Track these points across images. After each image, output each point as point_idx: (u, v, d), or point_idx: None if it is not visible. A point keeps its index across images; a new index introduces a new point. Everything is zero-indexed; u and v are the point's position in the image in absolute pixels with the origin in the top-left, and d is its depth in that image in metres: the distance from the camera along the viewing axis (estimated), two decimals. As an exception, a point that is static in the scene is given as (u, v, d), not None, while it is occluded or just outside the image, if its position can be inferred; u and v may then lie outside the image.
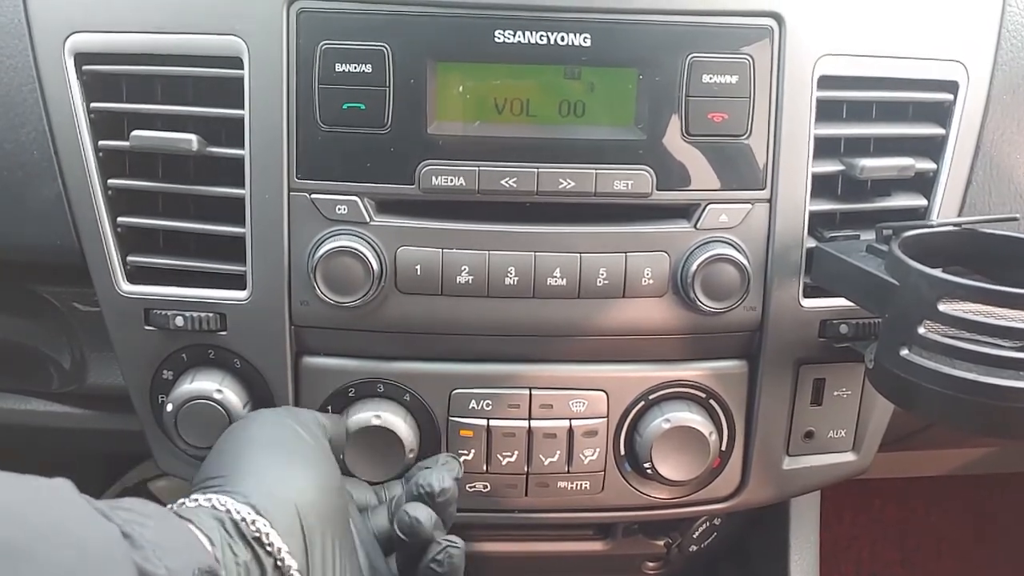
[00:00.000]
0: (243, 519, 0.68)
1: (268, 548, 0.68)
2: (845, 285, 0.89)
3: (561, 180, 0.88)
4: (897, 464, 1.69)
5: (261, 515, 0.69)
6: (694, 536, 1.16)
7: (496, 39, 0.86)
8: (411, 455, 0.92)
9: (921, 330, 0.78)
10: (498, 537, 1.15)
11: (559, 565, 1.21)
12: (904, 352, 0.80)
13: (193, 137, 0.87)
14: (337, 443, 0.87)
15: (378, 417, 0.91)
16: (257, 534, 0.68)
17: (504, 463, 0.95)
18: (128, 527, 0.58)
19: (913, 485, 2.00)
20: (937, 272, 0.78)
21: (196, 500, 0.69)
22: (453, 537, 0.83)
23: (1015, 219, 0.91)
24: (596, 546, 1.17)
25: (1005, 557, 1.98)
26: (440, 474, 0.85)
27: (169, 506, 0.69)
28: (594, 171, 0.88)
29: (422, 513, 0.82)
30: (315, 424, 0.83)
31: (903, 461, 1.64)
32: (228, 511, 0.68)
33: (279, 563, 0.68)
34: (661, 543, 1.17)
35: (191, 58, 0.88)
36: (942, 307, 0.77)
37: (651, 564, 1.23)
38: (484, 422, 0.94)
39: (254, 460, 0.75)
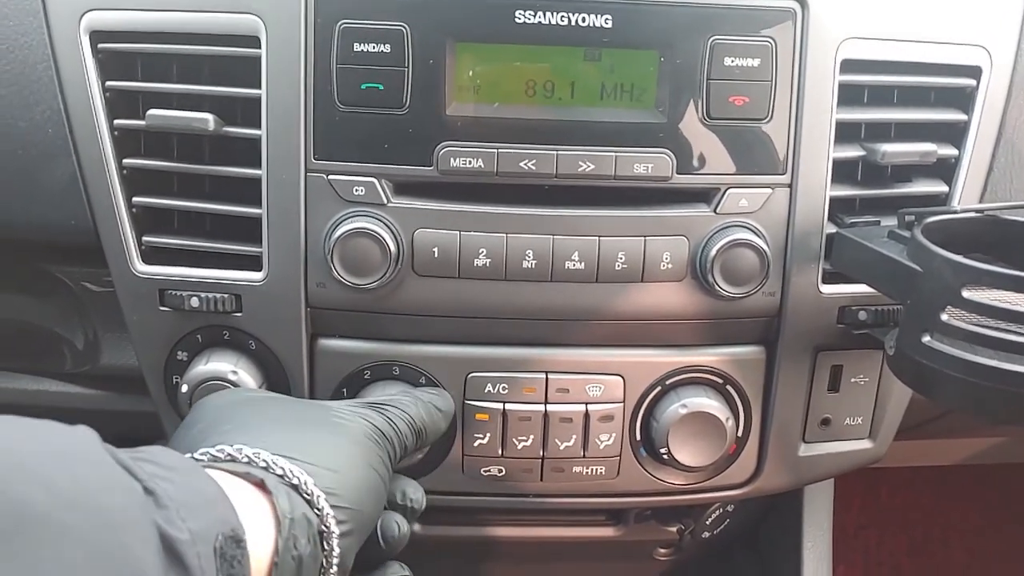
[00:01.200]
0: (298, 479, 0.66)
1: (327, 548, 0.66)
2: (866, 271, 0.88)
3: (580, 163, 0.87)
4: (906, 453, 1.68)
5: (332, 498, 0.67)
6: (707, 523, 1.16)
7: (517, 19, 0.85)
8: (426, 439, 0.92)
9: (944, 317, 0.77)
10: (511, 522, 1.15)
11: (571, 551, 1.21)
12: (926, 339, 0.79)
13: (210, 117, 0.87)
14: (433, 429, 0.85)
15: (394, 400, 0.91)
16: (324, 530, 0.66)
17: (520, 447, 0.94)
18: (152, 482, 0.54)
19: (921, 474, 2.00)
20: (962, 258, 0.77)
21: (241, 451, 0.66)
22: (403, 565, 0.82)
23: (1039, 206, 0.91)
24: (608, 532, 1.17)
25: (1013, 546, 1.98)
26: (420, 492, 0.84)
27: (203, 450, 0.66)
28: (614, 154, 0.87)
29: (407, 528, 0.81)
30: (388, 424, 0.80)
31: (912, 450, 1.63)
32: (285, 473, 0.65)
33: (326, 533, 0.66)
34: (674, 529, 1.17)
35: (207, 36, 0.87)
36: (966, 294, 0.76)
37: (663, 550, 1.23)
38: (500, 406, 0.93)
39: (312, 434, 0.72)
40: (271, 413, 0.76)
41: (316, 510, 0.66)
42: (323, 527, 0.66)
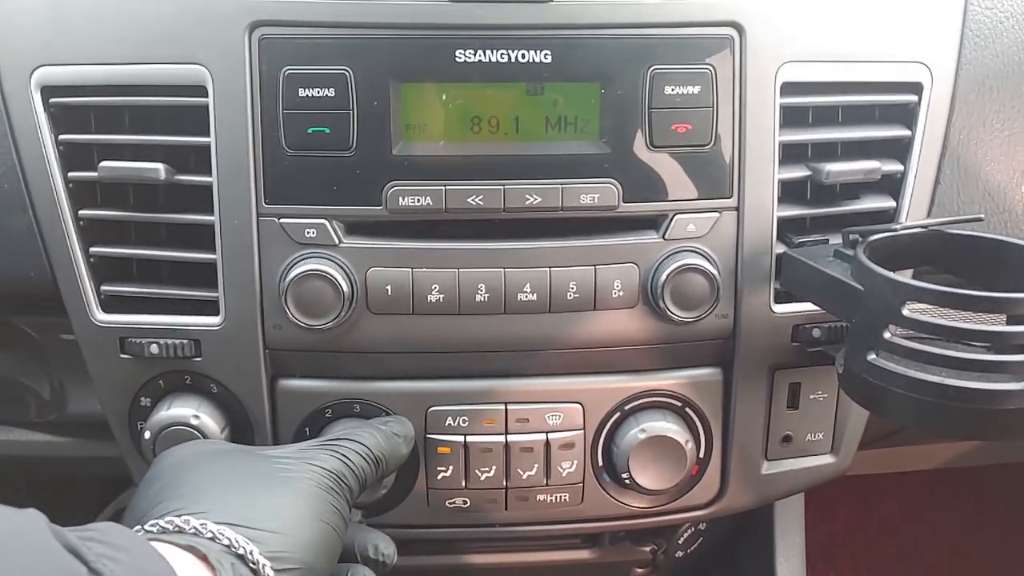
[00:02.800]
0: (250, 553, 0.67)
1: None
2: (813, 291, 0.89)
3: (528, 196, 0.89)
4: (887, 460, 1.69)
5: (268, 551, 0.68)
6: (679, 542, 1.17)
7: (457, 59, 0.86)
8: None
9: (887, 335, 0.79)
10: (483, 549, 1.15)
11: (547, 574, 1.21)
12: (871, 357, 0.80)
13: (160, 166, 0.88)
14: (393, 456, 0.85)
15: (355, 438, 0.92)
16: (255, 566, 0.67)
17: (483, 478, 0.95)
18: (99, 563, 0.56)
19: (907, 479, 2.00)
20: (901, 276, 0.79)
21: (188, 522, 0.67)
22: None
23: (980, 219, 0.92)
24: (583, 554, 1.18)
25: (1001, 548, 1.98)
26: (392, 547, 0.85)
27: (152, 522, 0.67)
28: (560, 186, 0.89)
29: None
30: (354, 469, 0.80)
31: (893, 457, 1.64)
32: (231, 542, 0.66)
33: None
34: (648, 549, 1.17)
35: (156, 88, 0.89)
36: (907, 311, 0.77)
37: (639, 570, 1.23)
38: (461, 438, 0.94)
39: (257, 493, 0.73)
40: (222, 475, 0.76)
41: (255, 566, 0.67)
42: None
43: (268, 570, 0.67)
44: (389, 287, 0.89)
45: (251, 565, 0.67)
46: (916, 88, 0.95)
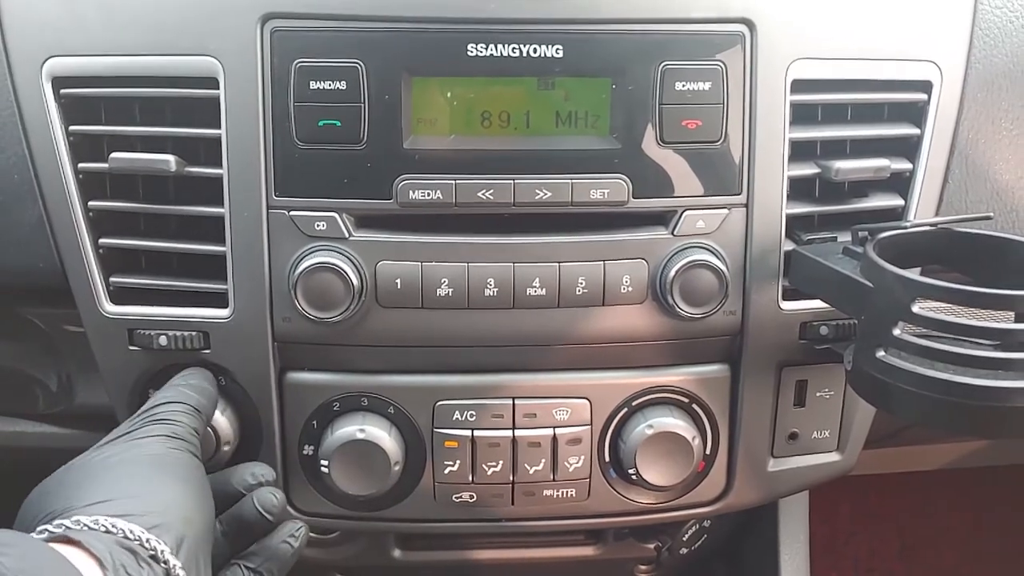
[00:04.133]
0: (137, 538, 0.68)
1: (164, 566, 0.69)
2: (822, 288, 0.89)
3: (538, 191, 0.89)
4: (891, 460, 1.70)
5: (155, 533, 0.69)
6: (684, 539, 1.17)
7: (469, 53, 0.86)
8: (396, 467, 0.93)
9: (896, 331, 0.79)
10: (490, 545, 1.16)
11: (551, 570, 1.21)
12: (880, 354, 0.80)
13: (171, 158, 0.88)
14: (207, 410, 0.88)
15: (362, 431, 0.92)
16: (153, 552, 0.68)
17: (489, 473, 0.95)
18: None
19: (910, 479, 2.00)
20: (911, 273, 0.79)
21: (79, 521, 0.68)
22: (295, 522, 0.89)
23: (989, 217, 0.92)
24: (587, 551, 1.18)
25: (1004, 548, 1.99)
26: (264, 466, 0.89)
27: (42, 528, 0.68)
28: (570, 181, 0.89)
29: (282, 495, 0.86)
30: (180, 427, 0.83)
31: (897, 457, 1.64)
32: (121, 531, 0.68)
33: None
34: (652, 546, 1.18)
35: (167, 79, 0.89)
36: (916, 308, 0.77)
37: (643, 567, 1.24)
38: (468, 433, 0.94)
39: (130, 479, 0.75)
40: (90, 474, 0.77)
41: (135, 540, 0.69)
42: (144, 547, 0.68)
43: (139, 531, 0.69)
44: (398, 280, 0.89)
45: (119, 532, 0.68)
46: (926, 87, 0.96)
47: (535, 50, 0.87)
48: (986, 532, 2.01)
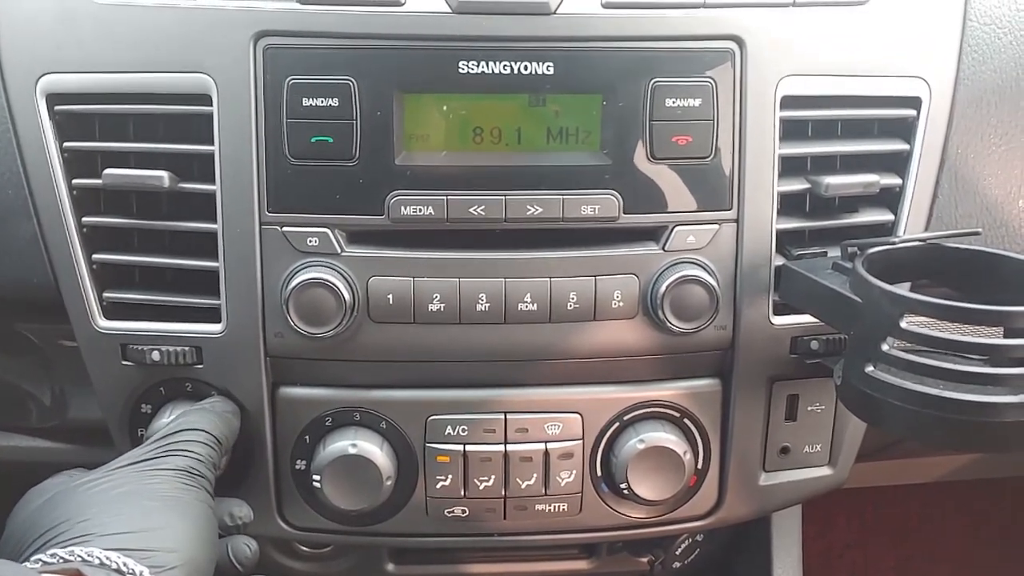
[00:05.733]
0: (132, 571, 0.67)
1: None
2: (812, 303, 0.90)
3: (529, 207, 0.89)
4: (885, 473, 1.70)
5: (153, 572, 0.69)
6: (677, 553, 1.17)
7: (460, 70, 0.87)
8: (388, 482, 0.93)
9: (885, 347, 0.79)
10: (483, 559, 1.16)
11: (545, 585, 1.21)
12: (869, 369, 0.80)
13: (164, 174, 0.88)
14: (227, 442, 0.87)
15: (355, 446, 0.92)
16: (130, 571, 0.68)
17: (481, 487, 0.95)
18: None
19: (904, 491, 2.00)
20: (899, 289, 0.79)
21: (73, 552, 0.67)
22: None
23: (977, 233, 0.93)
24: (581, 565, 1.18)
25: (1000, 561, 1.99)
26: (246, 508, 0.88)
27: (36, 558, 0.67)
28: (561, 197, 0.89)
29: (255, 545, 0.85)
30: (192, 460, 0.81)
31: (891, 470, 1.64)
32: (117, 565, 0.67)
33: None
34: (645, 560, 1.18)
35: (161, 96, 0.89)
36: (905, 324, 0.78)
37: (637, 581, 1.24)
38: (460, 447, 0.95)
39: (135, 512, 0.74)
40: (95, 502, 0.75)
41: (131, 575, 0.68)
42: None
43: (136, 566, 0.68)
44: (390, 296, 0.90)
45: (125, 570, 0.67)
46: (915, 103, 0.96)
47: (526, 67, 0.87)
48: (982, 544, 2.01)
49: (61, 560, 0.67)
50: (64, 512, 0.74)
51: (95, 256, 0.92)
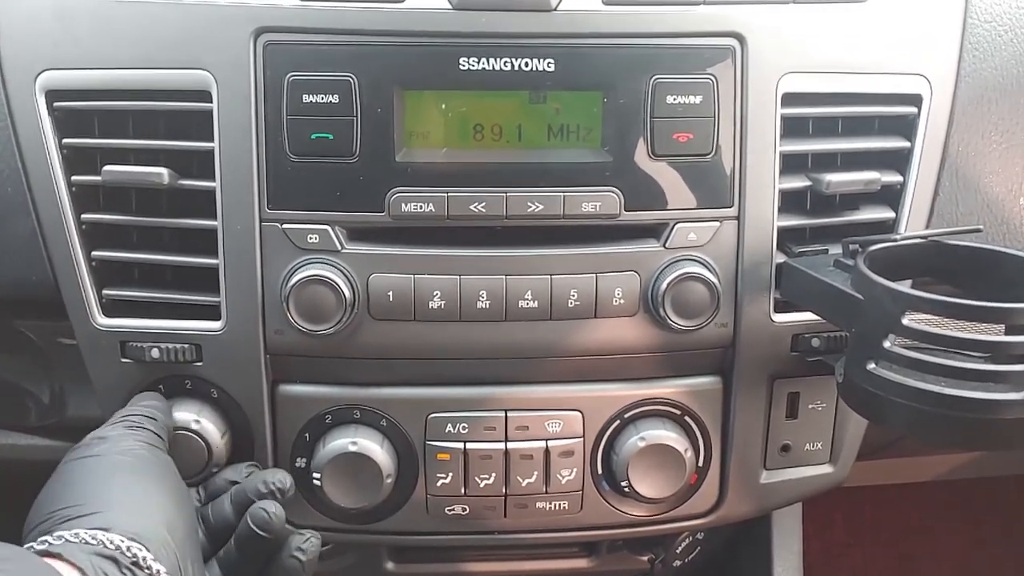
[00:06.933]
0: (117, 547, 0.68)
1: (148, 571, 0.68)
2: (813, 300, 0.90)
3: (530, 204, 0.89)
4: (886, 471, 1.69)
5: (135, 541, 0.69)
6: (678, 551, 1.17)
7: (461, 66, 0.87)
8: (388, 480, 0.93)
9: (887, 344, 0.79)
10: (483, 557, 1.15)
11: (546, 583, 1.21)
12: (871, 366, 0.80)
13: (164, 171, 0.88)
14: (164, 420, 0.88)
15: (355, 444, 0.92)
16: (135, 559, 0.68)
17: (482, 485, 0.95)
18: None
19: (906, 490, 2.00)
20: (901, 286, 0.79)
21: (61, 536, 0.68)
22: (307, 531, 0.86)
23: (978, 230, 0.93)
24: (581, 563, 1.17)
25: (1001, 560, 1.98)
26: (281, 473, 0.87)
27: (28, 545, 0.68)
28: (562, 194, 0.89)
29: (279, 509, 0.84)
30: (153, 434, 0.83)
31: (892, 468, 1.64)
32: (100, 542, 0.68)
33: None
34: (645, 559, 1.17)
35: (160, 93, 0.89)
36: (906, 321, 0.77)
37: (637, 580, 1.23)
38: (461, 445, 0.94)
39: (109, 486, 0.75)
40: (71, 481, 0.77)
41: (115, 549, 0.68)
42: (125, 555, 0.68)
43: (118, 540, 0.69)
44: (391, 293, 0.89)
45: (102, 543, 0.68)
46: (916, 100, 0.96)
47: (527, 64, 0.87)
48: (982, 544, 2.01)
49: (48, 544, 0.68)
50: (46, 500, 0.74)
51: (94, 253, 0.92)
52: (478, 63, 0.87)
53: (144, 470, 0.78)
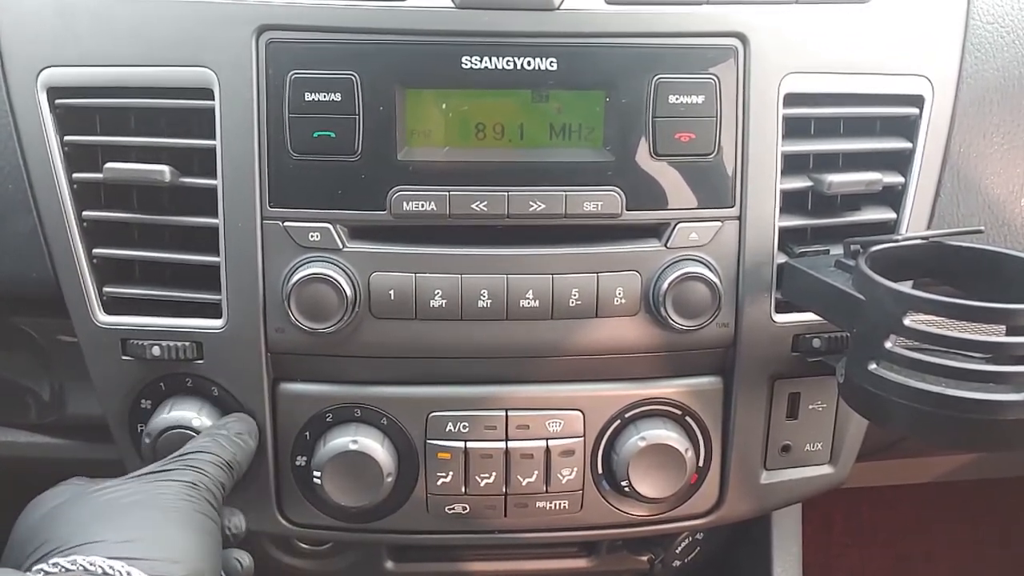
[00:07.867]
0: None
1: None
2: (814, 300, 0.90)
3: (531, 203, 0.89)
4: (885, 472, 1.70)
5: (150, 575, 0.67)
6: (677, 551, 1.17)
7: (463, 65, 0.87)
8: (389, 479, 0.93)
9: (888, 344, 0.79)
10: (483, 556, 1.15)
11: (545, 583, 1.21)
12: (872, 367, 0.80)
13: (166, 168, 0.88)
14: (240, 466, 0.86)
15: (355, 442, 0.92)
16: None
17: (482, 484, 0.95)
18: None
19: (904, 491, 2.00)
20: (902, 287, 0.79)
21: (75, 562, 0.66)
22: None
23: (980, 231, 0.93)
24: (581, 563, 1.18)
25: (998, 561, 1.99)
26: (238, 514, 0.87)
27: (37, 568, 0.66)
28: (564, 193, 0.89)
29: (247, 560, 0.84)
30: (210, 477, 0.81)
31: (891, 469, 1.64)
32: (119, 573, 0.66)
33: None
34: (645, 559, 1.17)
35: (162, 90, 0.89)
36: (908, 321, 0.77)
37: (636, 580, 1.24)
38: (461, 444, 0.94)
39: (140, 521, 0.73)
40: (97, 511, 0.75)
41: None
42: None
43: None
44: (392, 292, 0.89)
45: None
46: (917, 101, 0.96)
47: (529, 63, 0.87)
48: (981, 544, 2.01)
49: (63, 569, 0.66)
50: (67, 520, 0.73)
51: (95, 250, 0.92)
52: (480, 62, 0.87)
53: (179, 515, 0.75)
